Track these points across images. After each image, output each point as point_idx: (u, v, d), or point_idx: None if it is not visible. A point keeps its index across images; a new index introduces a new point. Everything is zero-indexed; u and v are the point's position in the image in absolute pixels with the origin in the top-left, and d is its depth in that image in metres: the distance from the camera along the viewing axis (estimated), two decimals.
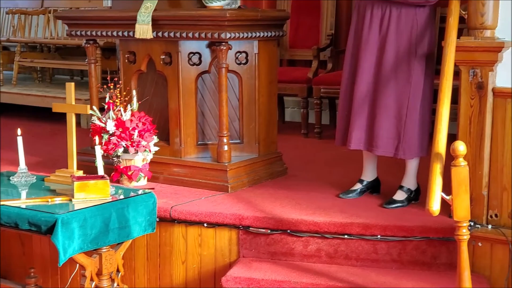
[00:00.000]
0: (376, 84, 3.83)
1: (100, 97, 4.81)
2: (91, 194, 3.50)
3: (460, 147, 2.90)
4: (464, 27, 3.61)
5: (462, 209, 2.95)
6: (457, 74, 3.53)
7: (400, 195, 3.93)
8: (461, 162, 2.92)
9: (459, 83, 3.55)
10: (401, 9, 3.74)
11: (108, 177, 3.59)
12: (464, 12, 3.56)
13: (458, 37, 3.53)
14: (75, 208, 3.35)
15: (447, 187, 3.00)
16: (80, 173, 3.87)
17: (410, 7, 3.73)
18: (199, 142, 4.46)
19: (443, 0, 3.73)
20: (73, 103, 3.90)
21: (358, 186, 4.12)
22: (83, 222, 3.29)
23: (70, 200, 3.47)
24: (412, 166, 3.95)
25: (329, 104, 6.24)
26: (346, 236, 3.62)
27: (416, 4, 3.71)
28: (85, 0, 6.99)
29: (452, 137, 3.65)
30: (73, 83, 3.89)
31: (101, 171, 3.69)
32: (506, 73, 3.47)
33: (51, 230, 3.19)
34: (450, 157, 2.97)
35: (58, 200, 3.49)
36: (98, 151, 3.72)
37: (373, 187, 4.14)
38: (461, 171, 2.91)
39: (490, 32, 3.44)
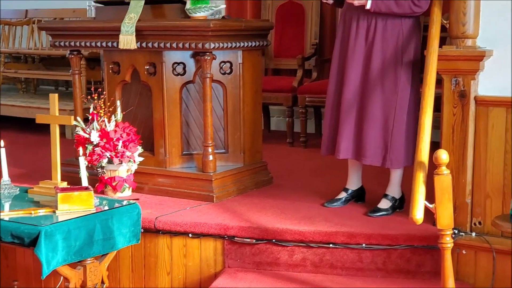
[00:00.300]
0: (362, 94, 3.85)
1: (84, 108, 4.80)
2: (75, 205, 3.48)
3: (443, 155, 2.91)
4: (447, 36, 3.63)
5: (445, 217, 2.96)
6: (440, 82, 3.55)
7: (384, 204, 3.94)
8: (444, 170, 2.93)
9: (441, 92, 3.57)
10: (386, 19, 3.76)
11: (92, 188, 3.58)
12: (446, 22, 3.59)
13: (442, 45, 3.57)
14: (59, 220, 3.33)
15: (431, 195, 3.01)
16: (64, 184, 3.85)
17: (396, 17, 3.75)
18: (184, 152, 4.45)
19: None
20: (57, 114, 3.89)
21: (343, 195, 4.13)
22: (67, 233, 3.27)
23: (54, 211, 3.46)
24: (396, 174, 3.96)
25: (315, 112, 6.26)
26: (331, 245, 3.63)
27: (402, 15, 3.73)
28: (70, 10, 6.99)
29: (435, 145, 3.68)
30: (56, 94, 3.87)
31: (85, 182, 3.67)
32: (488, 82, 3.49)
33: (34, 242, 3.17)
34: (434, 165, 2.98)
35: (41, 212, 3.47)
36: (82, 162, 3.71)
37: (358, 196, 4.16)
38: (444, 179, 2.93)
39: (471, 41, 3.47)
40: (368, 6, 3.69)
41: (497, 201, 3.51)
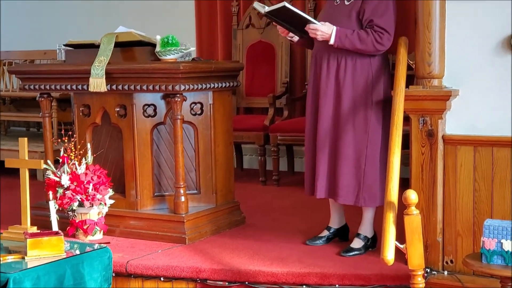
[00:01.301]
0: (335, 133, 3.88)
1: (56, 149, 4.78)
2: (45, 251, 3.44)
3: (412, 195, 2.93)
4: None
5: (416, 257, 2.97)
6: (408, 119, 3.60)
7: (357, 243, 3.95)
8: (413, 210, 2.95)
9: (410, 131, 3.61)
10: (356, 59, 3.81)
11: (62, 233, 3.54)
12: (412, 62, 3.64)
13: (411, 83, 3.62)
14: (28, 266, 3.29)
15: (402, 234, 3.03)
16: (34, 229, 3.81)
17: (365, 56, 3.80)
18: (155, 194, 4.44)
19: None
20: (26, 158, 3.87)
21: (325, 233, 4.13)
22: (36, 280, 3.22)
23: (23, 258, 3.41)
24: (368, 213, 3.98)
25: (287, 150, 6.28)
26: (304, 287, 3.61)
27: (368, 54, 3.78)
28: (40, 52, 6.98)
29: (406, 181, 3.71)
30: (26, 139, 3.85)
31: (55, 226, 3.65)
32: (455, 121, 3.54)
33: None
34: (404, 204, 3.00)
35: (10, 258, 3.42)
36: (52, 207, 3.69)
37: (341, 234, 4.16)
38: (414, 219, 2.94)
39: (437, 81, 3.52)
40: (331, 42, 3.74)
41: (468, 239, 3.53)
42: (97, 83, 4.26)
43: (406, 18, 5.42)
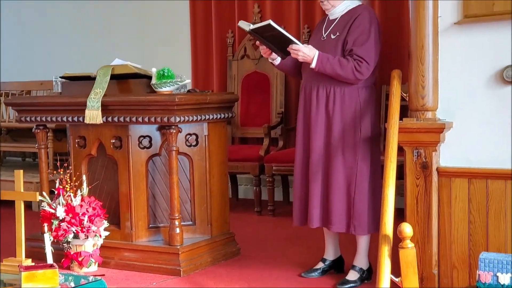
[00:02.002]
0: (326, 162, 3.90)
1: (51, 180, 4.78)
2: (40, 284, 3.44)
3: (407, 229, 2.93)
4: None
5: None
6: (402, 150, 3.61)
7: (352, 275, 3.94)
8: (408, 244, 2.95)
9: (404, 163, 3.63)
10: (344, 88, 3.85)
11: (57, 266, 3.54)
12: (405, 95, 3.67)
13: (405, 115, 3.64)
14: None
15: (397, 267, 3.02)
16: (29, 261, 3.80)
17: (353, 87, 3.84)
18: (150, 225, 4.44)
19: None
20: (22, 190, 3.88)
21: (320, 265, 4.13)
22: None
23: None
24: (362, 245, 3.98)
25: (282, 180, 6.29)
26: None
27: (349, 82, 3.81)
28: (37, 82, 7.01)
29: (400, 212, 3.71)
30: (21, 171, 3.86)
31: (50, 259, 3.64)
32: (449, 153, 3.55)
33: None
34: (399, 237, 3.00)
35: None
36: (47, 239, 3.69)
37: (337, 266, 4.15)
38: (409, 253, 2.94)
39: (431, 113, 3.54)
40: (313, 65, 3.78)
41: (464, 272, 3.53)
42: (93, 115, 4.28)
43: (400, 50, 5.50)
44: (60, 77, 4.71)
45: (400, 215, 3.67)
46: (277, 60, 4.00)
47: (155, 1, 7.13)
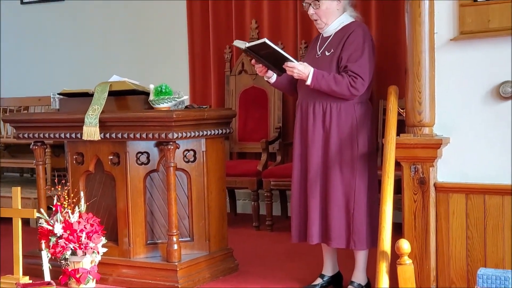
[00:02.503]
0: (324, 178, 3.91)
1: (49, 196, 4.78)
2: None
3: (404, 245, 2.94)
4: None
5: None
6: (399, 164, 3.62)
7: None
8: (406, 260, 2.95)
9: (401, 178, 3.63)
10: (340, 104, 3.86)
11: (54, 283, 3.54)
12: (402, 110, 3.68)
13: (402, 129, 3.65)
14: None
15: (395, 282, 3.02)
16: (26, 279, 3.80)
17: (349, 102, 3.85)
18: (148, 242, 4.43)
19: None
20: (19, 207, 3.88)
21: (318, 281, 4.12)
22: None
23: None
24: (361, 260, 3.98)
25: (280, 195, 6.29)
26: None
27: (344, 98, 3.83)
28: (35, 98, 7.02)
29: (399, 226, 3.71)
30: (19, 188, 3.87)
31: (47, 276, 3.63)
32: (447, 168, 3.56)
33: None
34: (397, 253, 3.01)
35: None
36: (45, 257, 3.68)
37: (335, 282, 4.15)
38: (407, 269, 2.95)
39: (428, 129, 3.55)
40: (308, 82, 3.80)
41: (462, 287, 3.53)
42: (91, 131, 4.29)
43: (396, 66, 5.53)
44: (58, 93, 4.72)
45: (398, 230, 3.67)
46: (273, 78, 4.03)
47: (153, 17, 7.16)
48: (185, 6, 6.82)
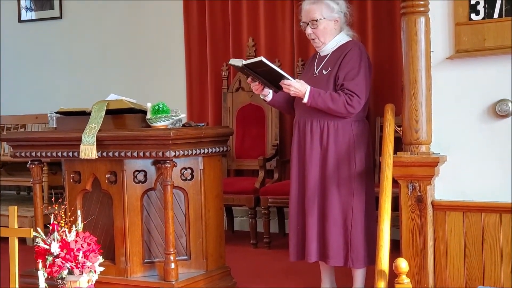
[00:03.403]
0: (322, 196, 3.92)
1: (46, 214, 4.76)
2: None
3: (402, 264, 2.93)
4: None
5: None
6: (397, 182, 3.62)
7: None
8: (404, 279, 2.94)
9: (399, 196, 3.63)
10: (337, 122, 3.88)
11: None
12: (399, 128, 3.68)
13: (399, 147, 3.65)
14: None
15: None
16: None
17: (346, 120, 3.87)
18: (145, 260, 4.41)
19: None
20: (16, 227, 3.85)
21: None
22: None
23: None
24: (359, 278, 3.98)
25: (278, 212, 6.28)
26: None
27: (341, 116, 3.83)
28: (32, 116, 7.03)
29: (396, 243, 3.71)
30: (16, 207, 3.84)
31: None
32: (444, 186, 3.56)
33: None
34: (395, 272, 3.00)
35: None
36: (41, 277, 3.66)
37: None
38: None
39: (425, 147, 3.55)
40: (305, 100, 3.82)
41: None
42: (88, 150, 4.28)
43: (393, 83, 5.54)
44: (55, 112, 4.72)
45: (396, 247, 3.67)
46: (269, 96, 4.04)
47: (150, 35, 7.18)
48: (182, 24, 6.86)
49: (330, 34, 3.96)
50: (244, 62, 3.80)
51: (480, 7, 3.41)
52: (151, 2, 7.14)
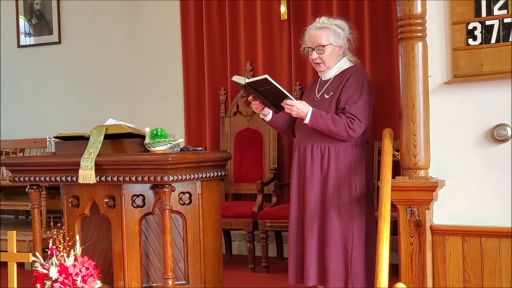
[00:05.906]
0: (322, 220, 3.92)
1: (45, 238, 4.75)
2: None
3: None
4: None
5: None
6: (395, 206, 3.62)
7: None
8: None
9: (397, 220, 3.63)
10: (338, 146, 3.89)
11: None
12: (397, 153, 3.69)
13: (397, 170, 3.66)
14: None
15: None
16: None
17: (346, 144, 3.88)
18: (144, 285, 4.40)
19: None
20: (15, 251, 3.85)
21: None
22: None
23: None
24: None
25: (276, 236, 6.27)
26: None
27: (342, 139, 3.85)
28: (31, 140, 7.03)
29: (396, 267, 3.70)
30: (14, 232, 3.84)
31: None
32: (443, 211, 3.57)
33: None
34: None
35: None
36: None
37: None
38: None
39: (423, 171, 3.56)
40: (306, 121, 3.83)
41: None
42: (87, 175, 4.29)
43: (390, 107, 5.56)
44: (54, 136, 4.72)
45: (395, 271, 3.66)
46: (268, 116, 4.06)
47: (148, 59, 7.21)
48: (180, 49, 6.90)
49: (336, 59, 4.00)
50: (248, 80, 3.82)
51: (477, 32, 3.44)
52: (149, 28, 7.19)
